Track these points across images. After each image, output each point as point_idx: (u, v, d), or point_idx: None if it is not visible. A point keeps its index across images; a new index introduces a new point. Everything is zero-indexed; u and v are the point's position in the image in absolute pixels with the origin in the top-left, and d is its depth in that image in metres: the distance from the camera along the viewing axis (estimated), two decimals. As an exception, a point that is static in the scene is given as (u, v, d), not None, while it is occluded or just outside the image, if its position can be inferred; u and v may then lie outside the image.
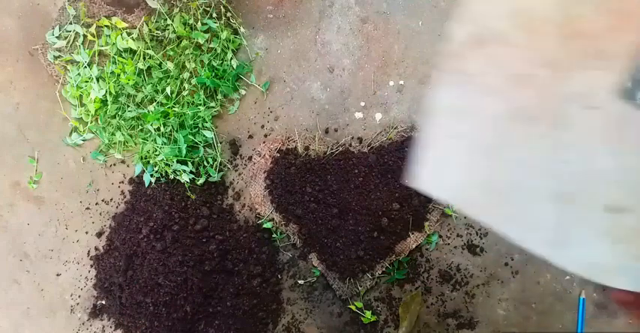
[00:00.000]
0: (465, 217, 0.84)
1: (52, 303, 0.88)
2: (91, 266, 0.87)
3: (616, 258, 0.37)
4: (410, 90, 0.85)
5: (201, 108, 0.83)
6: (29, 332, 0.88)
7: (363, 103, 0.85)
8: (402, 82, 0.85)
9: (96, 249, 0.87)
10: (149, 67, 0.83)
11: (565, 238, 0.37)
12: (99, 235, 0.87)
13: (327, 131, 0.85)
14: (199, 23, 0.83)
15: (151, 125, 0.82)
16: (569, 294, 0.84)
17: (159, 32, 0.83)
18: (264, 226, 0.84)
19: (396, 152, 0.81)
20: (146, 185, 0.85)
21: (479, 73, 0.38)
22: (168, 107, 0.82)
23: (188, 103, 0.83)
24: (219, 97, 0.85)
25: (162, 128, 0.82)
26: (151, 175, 0.84)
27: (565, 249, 0.38)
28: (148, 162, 0.84)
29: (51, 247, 0.88)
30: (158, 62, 0.83)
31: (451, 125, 0.39)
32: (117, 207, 0.87)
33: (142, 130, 0.85)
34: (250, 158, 0.86)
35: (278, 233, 0.84)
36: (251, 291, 0.83)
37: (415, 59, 0.85)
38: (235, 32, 0.86)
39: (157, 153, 0.83)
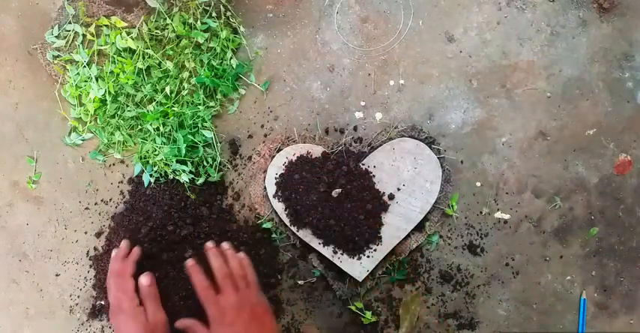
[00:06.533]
0: (465, 217, 0.84)
1: (51, 303, 0.87)
2: (90, 266, 0.87)
3: None
4: (410, 89, 0.85)
5: (201, 108, 0.82)
6: (28, 332, 0.88)
7: (363, 103, 0.85)
8: (402, 81, 0.85)
9: (95, 249, 0.87)
10: (148, 67, 0.83)
11: None
12: (98, 235, 0.87)
13: (327, 131, 0.85)
14: (199, 22, 0.82)
15: (151, 125, 0.82)
16: (570, 294, 0.84)
17: (158, 31, 0.83)
18: (264, 226, 0.84)
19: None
20: (145, 185, 0.84)
21: None
22: (168, 107, 0.82)
23: (187, 102, 0.83)
24: (219, 96, 0.85)
25: (161, 128, 0.82)
26: (151, 175, 0.84)
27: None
28: (148, 162, 0.84)
29: (50, 247, 0.88)
30: (157, 62, 0.83)
31: None
32: (116, 207, 0.87)
33: (141, 130, 0.84)
34: (250, 158, 0.86)
35: (278, 233, 0.84)
36: (251, 291, 0.83)
37: (415, 59, 0.84)
38: (235, 31, 0.85)
39: (156, 153, 0.82)
